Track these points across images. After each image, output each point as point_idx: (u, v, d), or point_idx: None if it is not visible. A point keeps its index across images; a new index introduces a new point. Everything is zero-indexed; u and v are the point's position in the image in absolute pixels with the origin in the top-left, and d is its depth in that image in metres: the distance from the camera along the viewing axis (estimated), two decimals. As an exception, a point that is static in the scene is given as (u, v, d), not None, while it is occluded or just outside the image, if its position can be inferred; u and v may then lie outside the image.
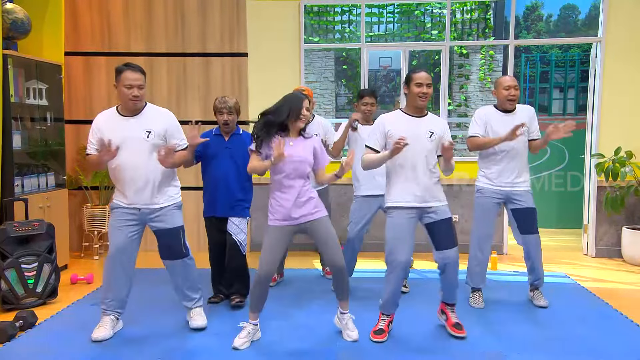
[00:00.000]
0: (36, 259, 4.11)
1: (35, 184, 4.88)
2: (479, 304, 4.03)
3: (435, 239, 3.39)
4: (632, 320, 3.75)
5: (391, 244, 3.33)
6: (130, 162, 3.32)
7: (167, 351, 3.24)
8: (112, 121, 3.40)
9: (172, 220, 3.47)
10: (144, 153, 3.34)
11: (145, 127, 3.36)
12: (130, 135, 3.33)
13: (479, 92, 10.98)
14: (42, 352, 3.22)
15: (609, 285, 4.67)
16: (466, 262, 4.06)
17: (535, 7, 11.79)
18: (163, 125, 3.42)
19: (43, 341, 3.39)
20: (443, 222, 3.38)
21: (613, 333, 3.53)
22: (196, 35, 5.80)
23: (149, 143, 3.35)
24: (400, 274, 3.34)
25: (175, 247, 3.48)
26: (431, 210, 3.38)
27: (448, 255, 3.35)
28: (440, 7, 10.39)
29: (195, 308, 3.64)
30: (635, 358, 3.15)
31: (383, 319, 3.49)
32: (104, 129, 3.36)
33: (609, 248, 5.68)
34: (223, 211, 3.93)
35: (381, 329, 3.43)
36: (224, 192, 3.90)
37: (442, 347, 3.31)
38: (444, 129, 3.46)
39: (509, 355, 3.17)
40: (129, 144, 3.31)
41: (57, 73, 5.15)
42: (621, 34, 5.53)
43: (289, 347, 3.29)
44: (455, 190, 5.76)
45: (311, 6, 9.47)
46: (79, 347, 3.29)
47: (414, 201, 3.35)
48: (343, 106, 11.92)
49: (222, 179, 3.89)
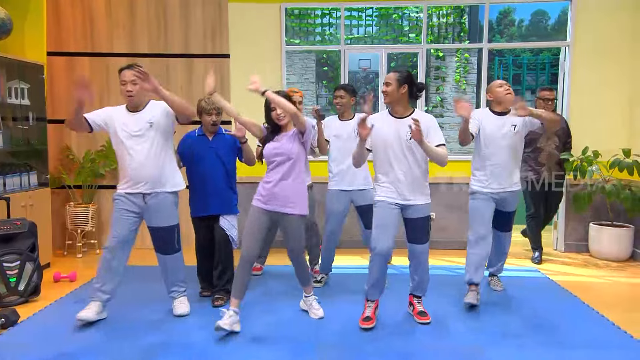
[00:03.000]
0: (18, 257, 4.03)
1: (18, 183, 4.79)
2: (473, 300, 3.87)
3: (408, 232, 3.52)
4: (597, 312, 3.82)
5: (374, 232, 3.45)
6: (138, 152, 3.51)
7: (151, 345, 3.20)
8: (121, 114, 3.60)
9: (168, 218, 3.61)
10: (148, 143, 3.53)
11: (147, 119, 3.56)
12: (137, 127, 3.53)
13: (455, 93, 11.09)
14: (24, 349, 3.16)
15: (577, 279, 4.74)
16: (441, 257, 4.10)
17: (508, 12, 11.95)
18: (159, 110, 3.60)
19: (25, 339, 3.33)
20: (419, 220, 3.48)
21: (580, 324, 3.60)
22: (179, 37, 5.75)
23: (153, 131, 3.54)
24: (381, 260, 3.43)
25: (169, 244, 3.65)
26: (411, 207, 3.45)
27: (415, 249, 3.51)
28: (417, 11, 10.45)
29: (179, 297, 3.77)
30: (599, 346, 3.21)
31: (369, 306, 3.57)
32: (114, 119, 3.58)
33: (577, 243, 5.77)
34: (214, 209, 3.94)
35: (368, 317, 3.52)
36: (214, 191, 3.92)
37: (424, 342, 3.32)
38: (428, 125, 3.41)
39: (486, 347, 3.21)
40: (135, 136, 3.53)
41: (39, 73, 5.06)
42: (588, 38, 5.62)
43: (274, 336, 3.30)
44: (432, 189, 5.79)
45: (292, 9, 9.44)
46: (61, 344, 3.24)
47: (397, 198, 3.43)
48: (324, 106, 11.93)
49: (210, 178, 3.90)
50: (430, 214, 3.64)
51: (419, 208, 3.45)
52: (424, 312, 3.63)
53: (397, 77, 3.39)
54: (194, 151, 3.91)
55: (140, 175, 3.52)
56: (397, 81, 3.38)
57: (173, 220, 3.65)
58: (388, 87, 3.40)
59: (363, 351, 3.16)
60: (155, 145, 3.54)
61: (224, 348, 3.19)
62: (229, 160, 3.97)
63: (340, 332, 3.44)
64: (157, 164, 3.55)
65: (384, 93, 3.44)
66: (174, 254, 3.69)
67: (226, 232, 3.93)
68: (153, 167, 3.53)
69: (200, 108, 3.93)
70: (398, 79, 3.38)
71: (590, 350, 3.17)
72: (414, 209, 3.45)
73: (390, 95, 3.41)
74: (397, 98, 3.41)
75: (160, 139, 3.57)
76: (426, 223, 3.52)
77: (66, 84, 5.73)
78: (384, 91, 3.44)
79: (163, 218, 3.60)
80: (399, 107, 3.45)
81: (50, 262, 5.09)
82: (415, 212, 3.45)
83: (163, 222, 3.61)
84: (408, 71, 3.46)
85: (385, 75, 3.52)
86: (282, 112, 3.38)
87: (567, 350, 3.17)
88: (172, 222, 3.65)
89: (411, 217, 3.48)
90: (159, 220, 3.60)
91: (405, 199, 3.42)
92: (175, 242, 3.68)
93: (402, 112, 3.45)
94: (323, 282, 4.45)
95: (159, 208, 3.58)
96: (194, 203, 4.01)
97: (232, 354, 3.12)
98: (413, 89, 3.43)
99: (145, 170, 3.52)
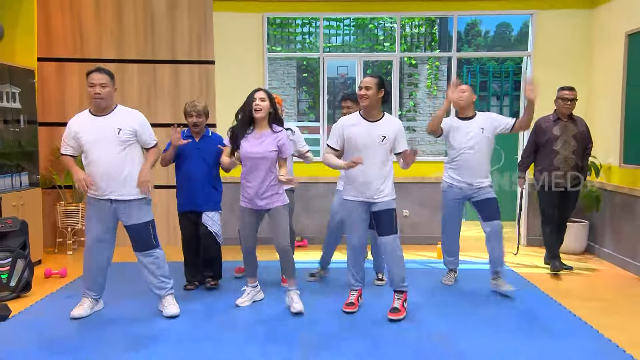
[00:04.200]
0: (9, 254, 3.94)
1: (9, 183, 4.68)
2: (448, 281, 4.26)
3: (377, 225, 3.50)
4: (556, 301, 3.89)
5: (347, 229, 3.54)
6: (104, 157, 3.34)
7: (140, 337, 3.15)
8: (85, 121, 3.41)
9: (142, 216, 3.47)
10: (115, 148, 3.36)
11: (116, 124, 3.37)
12: (103, 132, 3.35)
13: (427, 98, 11.16)
14: (16, 343, 3.09)
15: (538, 271, 4.81)
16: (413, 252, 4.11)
17: (475, 24, 12.08)
18: (132, 123, 3.43)
19: (16, 332, 3.26)
20: (385, 212, 3.45)
21: (540, 312, 3.65)
22: (165, 43, 5.67)
23: (120, 139, 3.36)
24: (356, 254, 3.51)
25: (146, 240, 3.49)
26: (377, 203, 3.46)
27: (384, 241, 3.47)
28: (391, 22, 10.49)
29: (167, 296, 3.58)
30: (558, 334, 3.26)
31: (352, 294, 3.61)
32: (79, 130, 3.38)
33: (538, 238, 5.83)
34: (198, 206, 3.96)
35: (351, 302, 3.57)
36: (198, 189, 3.94)
37: (396, 329, 3.33)
38: (397, 131, 3.45)
39: (453, 335, 3.24)
40: (102, 140, 3.34)
41: (30, 78, 4.95)
42: (547, 48, 5.72)
43: (262, 324, 3.29)
44: (406, 187, 5.82)
45: (274, 18, 9.41)
46: (51, 337, 3.18)
47: (364, 197, 3.46)
48: (304, 111, 11.91)
49: (195, 176, 3.92)
50: (404, 211, 3.67)
51: (385, 203, 3.46)
52: (397, 308, 3.46)
53: (376, 81, 3.37)
54: (180, 150, 3.90)
55: (106, 182, 3.35)
56: (376, 85, 3.37)
57: (147, 217, 3.48)
58: (368, 91, 3.36)
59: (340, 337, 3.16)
60: (119, 150, 3.36)
61: (211, 336, 3.17)
62: (213, 161, 3.96)
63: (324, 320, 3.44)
64: (122, 169, 3.36)
65: (364, 97, 3.38)
66: (153, 249, 3.49)
67: (208, 228, 3.94)
68: (117, 172, 3.35)
69: (184, 111, 3.98)
70: (377, 84, 3.37)
71: (550, 338, 3.22)
72: (381, 204, 3.46)
73: (370, 99, 3.38)
74: (375, 102, 3.40)
75: (127, 145, 3.39)
76: (392, 214, 3.48)
77: (56, 88, 5.62)
78: (363, 95, 3.38)
79: (137, 215, 3.43)
80: (374, 110, 3.44)
81: (42, 259, 4.98)
82: (380, 206, 3.46)
83: (138, 219, 3.44)
84: (382, 77, 3.46)
85: (363, 80, 3.43)
86: (261, 104, 3.42)
87: (528, 337, 3.21)
88: (146, 219, 3.48)
89: (377, 211, 3.46)
90: (133, 218, 3.43)
91: (373, 197, 3.44)
92: (152, 237, 3.49)
93: (375, 115, 3.45)
94: (318, 276, 4.41)
95: (130, 205, 3.42)
96: (179, 198, 4.05)
97: (219, 340, 3.09)
98: (385, 94, 3.44)
99: (111, 177, 3.35)
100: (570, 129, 4.51)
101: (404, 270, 3.51)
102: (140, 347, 3.04)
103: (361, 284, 3.65)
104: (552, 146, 4.52)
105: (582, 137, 4.56)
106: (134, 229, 3.46)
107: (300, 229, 5.76)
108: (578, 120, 4.60)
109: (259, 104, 3.41)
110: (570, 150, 4.49)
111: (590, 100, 5.63)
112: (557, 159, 4.51)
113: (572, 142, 4.50)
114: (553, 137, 4.51)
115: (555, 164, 4.51)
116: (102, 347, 3.04)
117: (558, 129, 4.48)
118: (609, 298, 4.02)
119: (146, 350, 2.99)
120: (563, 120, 4.54)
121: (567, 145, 4.48)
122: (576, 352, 3.00)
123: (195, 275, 4.14)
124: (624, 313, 3.70)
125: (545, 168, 4.56)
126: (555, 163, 4.51)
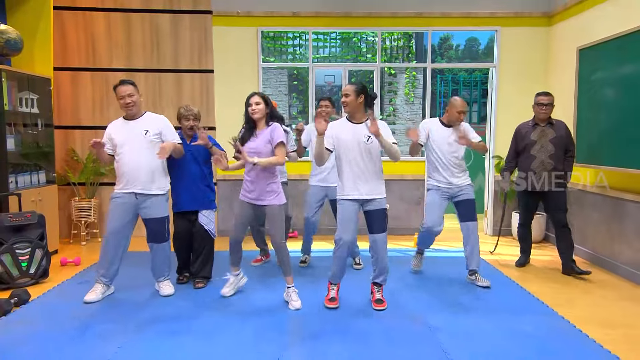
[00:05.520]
0: (29, 245, 3.94)
1: (28, 180, 4.66)
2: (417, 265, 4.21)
3: (369, 224, 3.41)
4: (517, 284, 3.98)
5: (339, 226, 3.37)
6: (132, 155, 3.48)
7: (143, 320, 3.19)
8: (118, 125, 3.59)
9: (160, 211, 3.58)
10: (142, 148, 3.50)
11: (143, 127, 3.53)
12: (133, 134, 3.51)
13: (405, 104, 11.23)
14: (35, 324, 3.11)
15: (502, 258, 4.90)
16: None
17: (447, 38, 12.20)
18: (158, 126, 3.57)
19: (36, 315, 3.28)
20: (377, 212, 3.39)
21: (503, 294, 3.73)
22: (169, 54, 5.68)
23: (147, 140, 3.51)
24: (345, 250, 3.37)
25: (160, 233, 3.59)
26: (370, 201, 3.38)
27: (375, 238, 3.39)
28: (373, 36, 10.54)
29: (165, 280, 3.71)
30: (518, 312, 3.34)
31: (332, 288, 3.50)
32: (112, 132, 3.57)
33: (503, 228, 5.95)
34: (193, 205, 3.83)
35: (333, 297, 3.45)
36: (192, 189, 3.81)
37: (376, 312, 3.39)
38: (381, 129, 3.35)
39: (425, 314, 3.30)
40: (131, 141, 3.49)
41: (46, 85, 4.93)
42: (511, 60, 5.81)
43: (253, 312, 3.31)
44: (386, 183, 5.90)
45: (268, 32, 9.39)
46: (68, 318, 3.20)
47: (357, 195, 3.35)
48: (295, 115, 11.91)
49: (189, 178, 3.79)
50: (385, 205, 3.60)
51: (376, 202, 3.38)
52: (381, 300, 3.45)
53: (355, 88, 3.34)
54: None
55: (134, 176, 3.48)
56: (354, 92, 3.33)
57: (164, 213, 3.61)
58: (347, 98, 3.34)
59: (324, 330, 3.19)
60: (146, 149, 3.50)
61: (206, 320, 3.19)
62: (206, 162, 3.86)
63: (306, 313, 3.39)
64: (148, 165, 3.49)
65: (344, 103, 3.37)
66: (164, 242, 3.63)
67: (204, 226, 3.83)
68: (143, 168, 3.49)
69: (180, 114, 3.83)
70: (355, 90, 3.33)
71: (511, 315, 3.29)
72: (372, 203, 3.37)
73: (350, 105, 3.34)
74: (355, 107, 3.35)
75: (152, 145, 3.52)
76: (384, 214, 3.40)
77: (70, 95, 5.60)
78: (344, 102, 3.37)
79: (156, 210, 3.55)
80: (357, 114, 3.42)
81: (58, 249, 4.98)
82: (373, 205, 3.38)
83: (156, 214, 3.56)
84: (362, 83, 3.42)
85: (345, 87, 3.39)
86: (256, 107, 3.40)
87: (492, 315, 3.29)
88: (163, 214, 3.60)
89: (370, 210, 3.39)
90: (152, 212, 3.55)
91: (364, 195, 3.35)
92: (165, 231, 3.62)
93: (359, 118, 3.41)
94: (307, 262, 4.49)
95: (151, 200, 3.53)
96: (175, 199, 3.87)
97: (213, 324, 3.12)
98: (368, 99, 3.40)
99: (138, 172, 3.48)
100: (547, 134, 4.25)
101: (387, 264, 3.48)
102: (144, 329, 3.06)
103: (340, 278, 3.54)
104: (529, 151, 4.30)
105: (559, 142, 4.24)
106: (152, 222, 3.56)
107: (291, 222, 5.80)
108: (557, 125, 4.30)
109: (255, 108, 3.41)
110: (547, 154, 4.24)
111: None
112: (534, 163, 4.27)
113: (549, 146, 4.23)
114: (530, 142, 4.29)
115: (532, 168, 4.28)
116: (111, 327, 3.07)
117: (535, 134, 4.27)
118: (561, 280, 4.12)
119: (152, 329, 3.03)
120: (540, 125, 4.29)
121: (543, 150, 4.25)
122: (532, 326, 3.08)
123: (185, 269, 3.99)
124: (573, 293, 3.80)
125: (525, 172, 4.33)
126: (532, 167, 4.28)
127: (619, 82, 4.13)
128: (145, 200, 3.53)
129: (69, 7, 5.50)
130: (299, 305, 3.41)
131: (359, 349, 2.76)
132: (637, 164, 3.88)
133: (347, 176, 3.37)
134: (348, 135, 3.35)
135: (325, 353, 2.71)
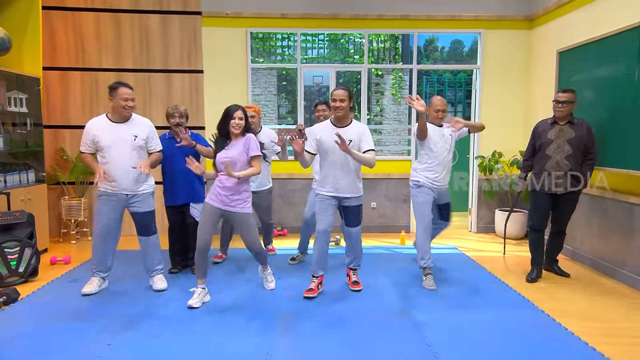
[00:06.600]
0: (18, 243, 3.89)
1: (17, 180, 4.59)
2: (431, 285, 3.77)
3: (346, 218, 3.60)
4: (499, 279, 4.02)
5: (317, 217, 3.54)
6: (120, 158, 3.45)
7: (134, 316, 3.16)
8: (104, 127, 3.47)
9: (147, 205, 3.61)
10: (130, 152, 3.48)
11: (133, 132, 3.50)
12: (121, 137, 3.45)
13: (392, 104, 11.29)
14: (24, 322, 3.07)
15: (485, 254, 4.94)
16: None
17: (432, 40, 12.28)
18: (145, 131, 3.57)
19: (25, 313, 3.24)
20: (354, 208, 3.57)
21: (485, 289, 3.77)
22: (159, 55, 5.63)
23: (135, 145, 3.50)
24: (323, 239, 3.49)
25: (148, 226, 3.63)
26: (347, 199, 3.53)
27: (351, 231, 3.62)
28: (360, 37, 10.57)
29: (157, 275, 3.72)
30: (500, 305, 3.39)
31: (313, 281, 3.60)
32: (97, 134, 3.44)
33: (486, 225, 6.03)
34: (185, 199, 3.97)
35: (311, 288, 3.55)
36: (184, 184, 3.93)
37: (360, 306, 3.41)
38: (361, 134, 3.46)
39: (411, 309, 3.32)
40: (120, 144, 3.45)
41: (35, 85, 4.86)
42: (493, 62, 5.87)
43: (238, 304, 3.31)
44: (374, 182, 5.93)
45: (257, 33, 9.36)
46: (57, 317, 3.16)
47: (335, 192, 3.51)
48: (284, 115, 11.90)
49: (180, 173, 3.87)
50: (372, 203, 3.71)
51: (353, 199, 3.55)
52: (357, 281, 3.72)
53: (348, 94, 3.41)
54: (164, 151, 3.81)
55: (123, 180, 3.47)
56: (348, 98, 3.41)
57: (151, 207, 3.65)
58: (343, 103, 3.38)
59: (313, 313, 3.23)
60: (133, 153, 3.49)
61: (197, 315, 3.19)
62: (193, 156, 3.81)
63: (295, 298, 3.50)
64: (137, 171, 3.48)
65: (339, 109, 3.39)
66: (152, 235, 3.66)
67: (195, 218, 3.94)
68: (131, 171, 3.48)
69: (167, 113, 3.92)
70: (349, 96, 3.41)
71: (493, 309, 3.35)
72: (349, 200, 3.54)
73: (344, 110, 3.42)
74: (347, 111, 3.45)
75: (139, 149, 3.54)
76: (359, 210, 3.60)
77: (59, 94, 5.53)
78: (339, 107, 3.38)
79: (143, 205, 3.60)
80: (345, 118, 3.47)
81: (48, 247, 4.91)
82: (350, 202, 3.54)
83: (143, 208, 3.60)
84: (350, 88, 3.52)
85: (333, 89, 3.44)
86: (240, 123, 3.32)
87: (475, 309, 3.34)
88: (150, 208, 3.64)
89: (347, 206, 3.55)
90: (140, 207, 3.59)
91: (343, 193, 3.50)
92: (152, 224, 3.66)
93: (344, 122, 3.48)
94: (298, 260, 4.49)
95: (139, 197, 3.58)
96: (167, 195, 4.00)
97: (204, 320, 3.12)
98: (353, 103, 3.52)
99: (127, 175, 3.47)
100: (565, 134, 3.84)
101: (361, 252, 3.76)
102: (134, 325, 3.04)
103: (324, 271, 3.62)
104: (545, 150, 3.93)
105: (578, 142, 3.82)
106: (140, 216, 3.59)
107: (280, 220, 5.80)
108: (578, 124, 3.87)
109: (238, 123, 3.32)
110: (564, 155, 3.83)
111: (528, 109, 5.82)
112: (549, 164, 3.89)
113: (567, 147, 3.83)
114: (546, 141, 3.90)
115: (547, 168, 3.90)
116: (101, 324, 3.04)
117: (553, 133, 3.89)
118: (543, 276, 4.17)
119: (142, 326, 3.01)
120: (559, 124, 3.89)
121: (560, 150, 3.85)
122: (515, 321, 3.13)
123: (180, 260, 4.12)
124: (554, 288, 3.86)
125: (539, 171, 3.96)
126: (547, 168, 3.89)
127: (596, 83, 4.20)
128: (134, 197, 3.57)
129: (58, 7, 5.43)
130: (274, 285, 3.66)
131: (344, 345, 2.77)
132: (616, 163, 3.95)
133: (328, 175, 3.50)
134: (331, 139, 3.37)
135: (311, 349, 2.72)
